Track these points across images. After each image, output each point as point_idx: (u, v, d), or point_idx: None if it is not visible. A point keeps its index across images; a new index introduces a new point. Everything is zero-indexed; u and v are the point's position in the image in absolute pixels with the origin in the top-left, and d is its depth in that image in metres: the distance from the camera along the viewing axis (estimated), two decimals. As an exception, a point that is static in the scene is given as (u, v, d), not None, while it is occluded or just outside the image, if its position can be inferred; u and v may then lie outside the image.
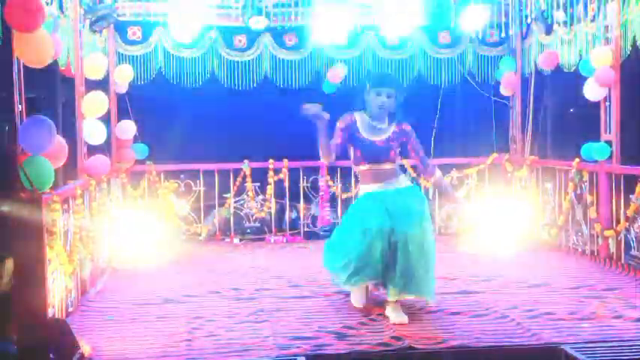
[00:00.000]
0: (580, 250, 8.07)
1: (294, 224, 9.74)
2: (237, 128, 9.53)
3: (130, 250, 8.20)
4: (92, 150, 7.45)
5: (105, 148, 8.06)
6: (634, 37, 7.14)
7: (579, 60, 7.92)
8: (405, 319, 5.55)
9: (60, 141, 5.19)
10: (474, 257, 7.99)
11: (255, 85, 9.26)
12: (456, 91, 9.79)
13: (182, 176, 9.59)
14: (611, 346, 4.87)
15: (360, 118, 5.89)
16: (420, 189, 5.93)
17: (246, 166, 9.45)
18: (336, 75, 9.34)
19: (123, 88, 8.92)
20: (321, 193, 9.58)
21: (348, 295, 6.39)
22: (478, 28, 9.21)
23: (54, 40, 5.32)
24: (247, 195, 9.54)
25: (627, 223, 7.15)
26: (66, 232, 5.88)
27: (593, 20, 7.69)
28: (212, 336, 5.27)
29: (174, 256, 8.44)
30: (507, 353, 4.93)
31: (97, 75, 7.70)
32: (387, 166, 5.81)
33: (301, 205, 9.66)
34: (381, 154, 5.79)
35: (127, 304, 6.26)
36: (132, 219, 8.52)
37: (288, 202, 9.71)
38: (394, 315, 5.60)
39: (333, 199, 9.69)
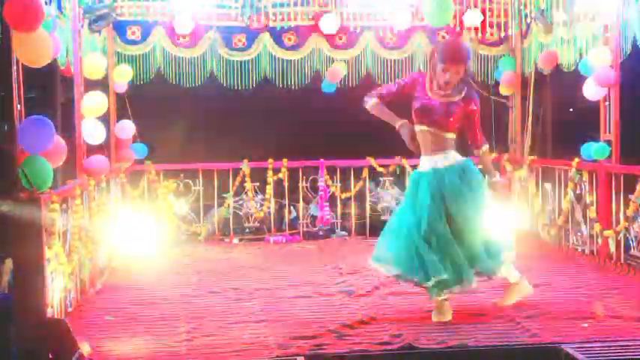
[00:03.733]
0: (580, 249, 8.06)
1: (294, 224, 9.74)
2: (236, 128, 9.53)
3: (129, 250, 8.20)
4: (91, 150, 7.44)
5: (104, 148, 8.05)
6: (633, 36, 7.13)
7: (579, 60, 7.92)
8: (441, 317, 5.54)
9: (59, 141, 5.18)
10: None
11: (254, 84, 9.25)
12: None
13: (181, 176, 9.58)
14: (611, 346, 4.86)
15: (428, 79, 5.66)
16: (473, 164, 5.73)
17: (245, 166, 9.44)
18: (335, 75, 9.34)
19: (122, 88, 8.91)
20: (320, 193, 9.57)
21: (348, 295, 6.39)
22: (477, 27, 9.20)
23: (53, 39, 5.31)
24: (246, 195, 9.53)
25: (627, 223, 7.14)
26: (65, 232, 5.87)
27: (592, 20, 7.68)
28: (212, 336, 5.26)
29: (173, 255, 8.44)
30: (507, 353, 4.92)
31: (97, 75, 7.70)
32: (442, 132, 5.57)
33: (300, 204, 9.66)
34: (439, 116, 5.55)
35: (127, 304, 6.25)
36: (131, 219, 8.52)
37: (287, 202, 9.71)
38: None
39: (332, 199, 9.68)
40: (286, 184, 9.55)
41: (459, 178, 5.58)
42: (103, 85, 8.22)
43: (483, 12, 9.18)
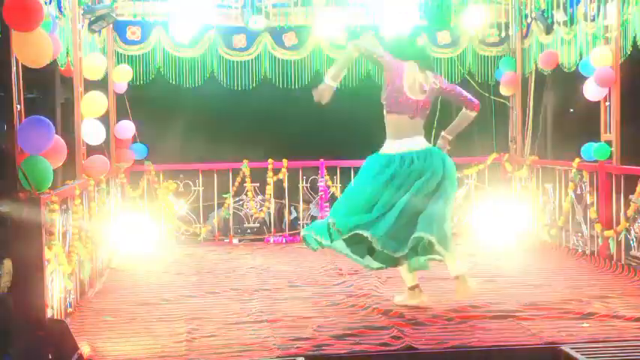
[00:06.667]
0: (580, 250, 8.06)
1: (294, 224, 9.73)
2: (236, 128, 9.53)
3: (129, 251, 8.20)
4: (91, 150, 7.44)
5: (104, 148, 8.05)
6: (634, 37, 7.13)
7: (579, 60, 7.92)
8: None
9: (59, 141, 5.18)
10: (474, 258, 7.96)
11: (254, 84, 9.26)
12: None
13: (181, 176, 9.58)
14: (611, 346, 4.86)
15: None
16: None
17: (245, 166, 9.44)
18: (335, 75, 9.32)
19: (122, 88, 8.91)
20: (320, 194, 9.57)
21: (348, 295, 6.39)
22: (478, 27, 9.21)
23: (52, 40, 5.30)
24: (246, 195, 9.53)
25: (627, 224, 7.14)
26: (65, 233, 5.86)
27: (593, 20, 7.68)
28: (211, 336, 5.25)
29: (173, 256, 8.44)
30: (507, 353, 4.92)
31: (96, 75, 7.69)
32: None
33: (300, 205, 9.65)
34: None
35: (126, 305, 6.25)
36: (131, 219, 8.51)
37: (287, 203, 9.70)
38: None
39: (332, 200, 9.67)
40: (286, 184, 9.55)
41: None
42: (102, 85, 8.22)
43: (484, 12, 9.17)
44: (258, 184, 9.53)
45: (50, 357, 4.45)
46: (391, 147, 5.81)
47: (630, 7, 7.15)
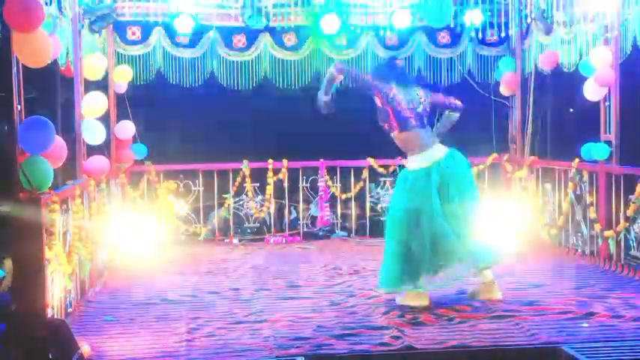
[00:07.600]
0: (580, 250, 8.06)
1: (294, 224, 9.73)
2: (236, 128, 9.52)
3: (129, 251, 8.20)
4: (91, 150, 7.44)
5: (104, 149, 8.05)
6: (634, 37, 7.14)
7: (579, 60, 7.92)
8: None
9: (59, 141, 5.18)
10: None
11: (254, 85, 9.26)
12: (456, 91, 9.77)
13: (181, 176, 9.58)
14: (611, 346, 4.86)
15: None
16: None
17: (245, 167, 9.44)
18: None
19: (122, 88, 8.91)
20: (320, 194, 9.57)
21: (348, 295, 6.39)
22: (478, 27, 9.21)
23: (53, 40, 5.31)
24: (247, 195, 9.53)
25: (627, 224, 7.14)
26: (65, 233, 5.87)
27: (593, 20, 7.68)
28: (211, 336, 5.26)
29: (173, 256, 8.44)
30: (507, 353, 4.92)
31: (97, 75, 7.70)
32: None
33: (300, 205, 9.65)
34: None
35: (127, 305, 6.25)
36: (131, 219, 8.51)
37: (287, 203, 9.70)
38: None
39: (332, 200, 9.68)
40: (286, 184, 9.54)
41: None
42: (103, 85, 8.22)
43: (484, 12, 9.18)
44: (258, 184, 9.53)
45: (50, 357, 4.44)
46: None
47: (630, 7, 7.16)
